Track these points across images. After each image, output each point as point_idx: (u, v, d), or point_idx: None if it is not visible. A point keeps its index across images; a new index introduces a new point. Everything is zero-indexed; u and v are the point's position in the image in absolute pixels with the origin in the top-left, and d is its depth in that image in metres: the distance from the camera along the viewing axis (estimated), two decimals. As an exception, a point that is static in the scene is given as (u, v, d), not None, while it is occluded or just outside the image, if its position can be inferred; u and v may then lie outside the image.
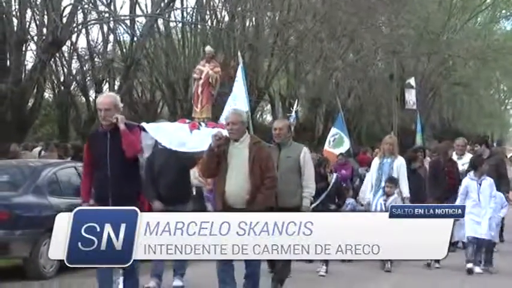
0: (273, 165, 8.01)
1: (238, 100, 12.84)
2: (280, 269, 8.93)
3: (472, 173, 11.11)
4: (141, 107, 29.64)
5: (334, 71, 29.59)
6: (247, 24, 28.54)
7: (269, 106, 36.77)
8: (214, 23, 27.58)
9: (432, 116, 40.16)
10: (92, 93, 28.28)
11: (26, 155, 15.79)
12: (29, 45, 22.76)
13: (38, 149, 17.68)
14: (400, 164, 11.42)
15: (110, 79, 26.33)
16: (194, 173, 10.19)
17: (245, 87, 13.13)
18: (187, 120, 9.68)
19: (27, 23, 21.96)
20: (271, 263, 9.26)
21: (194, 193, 10.31)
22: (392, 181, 11.04)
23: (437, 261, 10.75)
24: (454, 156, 12.98)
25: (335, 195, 11.21)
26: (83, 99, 27.74)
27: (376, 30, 28.83)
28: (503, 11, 40.39)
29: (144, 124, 8.76)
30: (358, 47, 30.78)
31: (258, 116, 36.51)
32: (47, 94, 29.13)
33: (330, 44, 26.80)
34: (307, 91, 33.48)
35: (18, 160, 13.06)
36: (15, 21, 20.60)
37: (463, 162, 12.72)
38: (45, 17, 20.67)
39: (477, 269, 10.72)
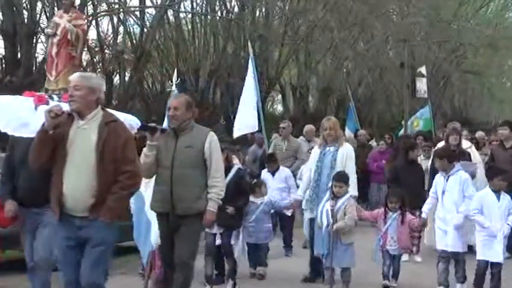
0: (134, 156, 5.60)
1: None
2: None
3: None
4: (151, 98, 29.63)
5: (345, 60, 29.51)
6: (257, 14, 28.49)
7: (280, 96, 36.76)
8: (224, 13, 27.54)
9: (443, 104, 40.00)
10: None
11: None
12: (39, 37, 22.83)
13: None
14: (346, 153, 8.89)
15: (120, 70, 26.32)
16: None
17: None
18: (39, 94, 7.40)
19: (38, 15, 22.02)
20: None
21: None
22: (342, 178, 8.47)
23: (395, 278, 8.93)
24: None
25: (234, 193, 8.34)
26: (94, 90, 27.80)
27: (387, 18, 28.71)
28: (516, -1, 40.10)
29: None
30: (368, 36, 30.69)
31: (268, 106, 36.47)
32: (58, 86, 29.22)
33: (340, 33, 26.70)
34: (318, 81, 33.45)
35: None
36: (25, 13, 20.65)
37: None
38: (55, 8, 20.69)
39: None
